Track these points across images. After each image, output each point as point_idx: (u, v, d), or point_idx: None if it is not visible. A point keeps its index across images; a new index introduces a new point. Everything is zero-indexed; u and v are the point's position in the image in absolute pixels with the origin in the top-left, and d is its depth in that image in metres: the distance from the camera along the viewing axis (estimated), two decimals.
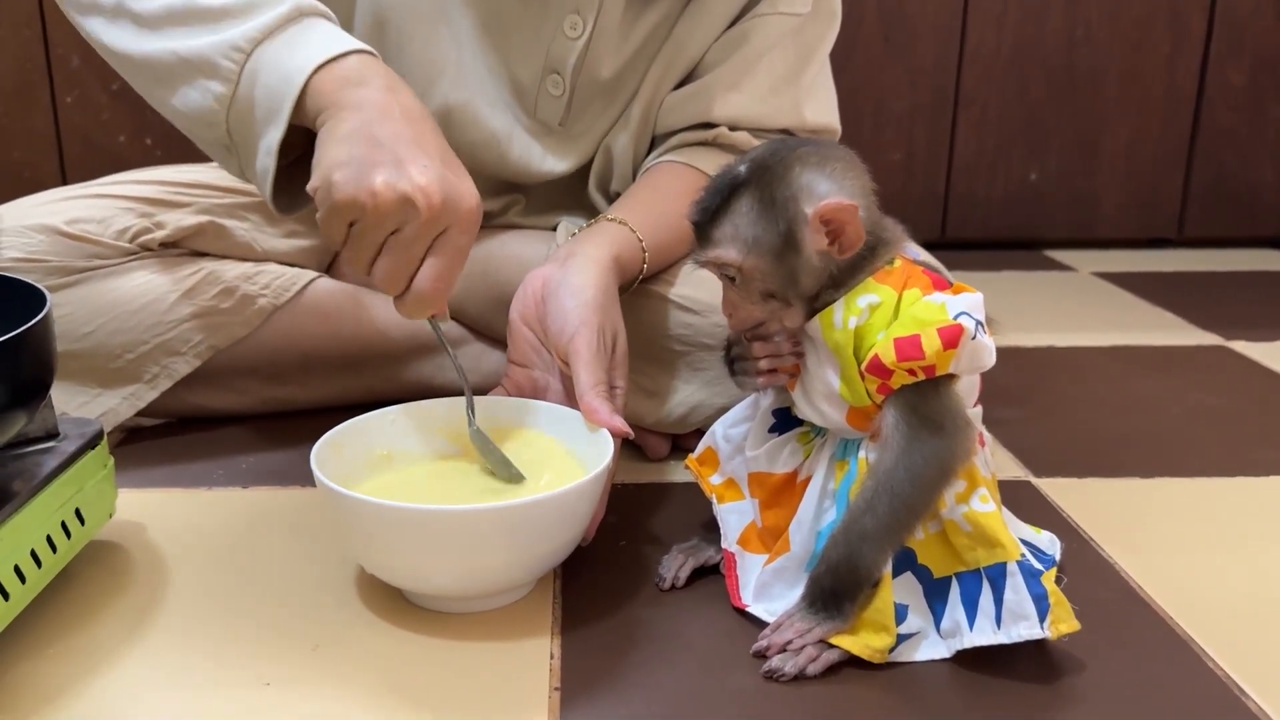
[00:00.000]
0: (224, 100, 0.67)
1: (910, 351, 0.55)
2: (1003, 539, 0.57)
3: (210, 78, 0.67)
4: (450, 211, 0.61)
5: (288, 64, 0.64)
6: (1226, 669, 0.60)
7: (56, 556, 0.63)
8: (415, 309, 0.63)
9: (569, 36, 0.82)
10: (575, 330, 0.68)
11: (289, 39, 0.65)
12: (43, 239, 0.83)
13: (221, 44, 0.66)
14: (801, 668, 0.58)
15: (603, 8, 0.81)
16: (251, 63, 0.65)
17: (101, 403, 0.86)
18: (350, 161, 0.60)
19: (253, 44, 0.65)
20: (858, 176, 0.58)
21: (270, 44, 0.65)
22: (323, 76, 0.63)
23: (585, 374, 0.67)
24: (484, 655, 0.60)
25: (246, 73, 0.66)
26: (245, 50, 0.65)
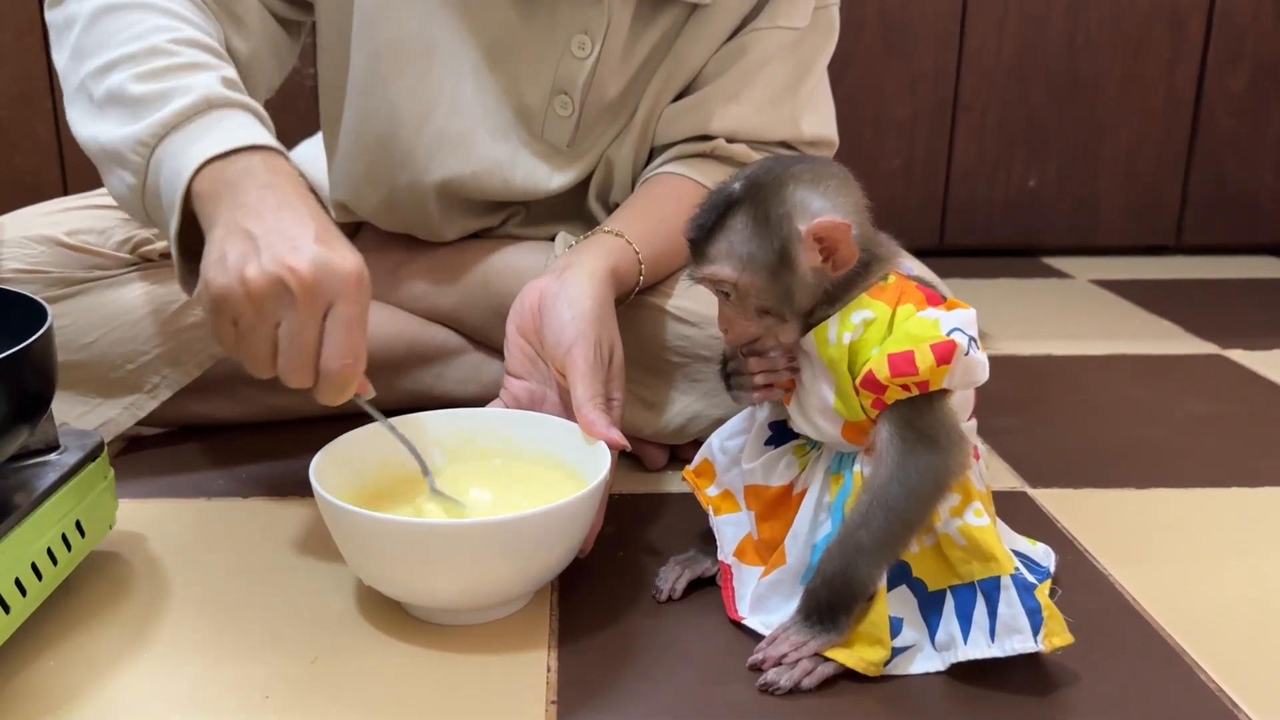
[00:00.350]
0: (136, 191, 0.69)
1: (904, 367, 0.56)
2: (997, 553, 0.58)
3: (124, 168, 0.69)
4: (328, 283, 0.59)
5: (180, 160, 0.65)
6: (1219, 682, 0.60)
7: (57, 569, 0.63)
8: (333, 393, 0.61)
9: (577, 57, 0.83)
10: (572, 343, 0.68)
11: (189, 134, 0.66)
12: (43, 250, 0.84)
13: (130, 137, 0.67)
14: (797, 681, 0.58)
15: (610, 26, 0.82)
16: (155, 155, 0.67)
17: (102, 412, 0.86)
18: (222, 259, 0.60)
19: (155, 139, 0.67)
20: (852, 194, 0.59)
21: (172, 138, 0.66)
22: (205, 175, 0.63)
23: (582, 386, 0.67)
24: (481, 667, 0.60)
25: (151, 165, 0.67)
26: (149, 144, 0.67)
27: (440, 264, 0.95)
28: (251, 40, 0.82)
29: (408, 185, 0.87)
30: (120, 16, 0.72)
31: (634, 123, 0.87)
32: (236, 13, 0.81)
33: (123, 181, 0.69)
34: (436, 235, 0.93)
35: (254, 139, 0.65)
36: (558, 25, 0.83)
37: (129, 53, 0.69)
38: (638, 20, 0.83)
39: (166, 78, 0.68)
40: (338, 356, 0.60)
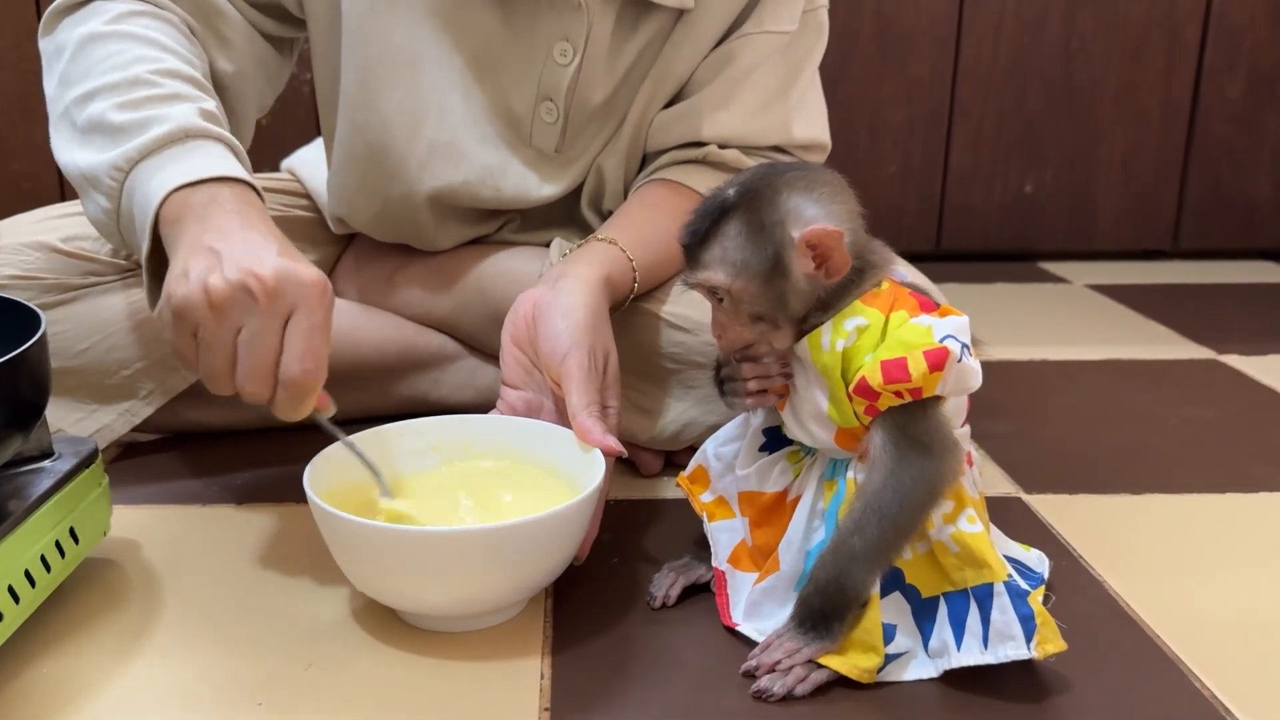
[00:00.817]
0: (111, 215, 0.70)
1: (897, 374, 0.56)
2: (990, 560, 0.58)
3: (99, 192, 0.70)
4: (290, 290, 0.60)
5: (151, 185, 0.66)
6: (1213, 689, 0.60)
7: (50, 575, 0.63)
8: (291, 404, 0.61)
9: (559, 63, 0.83)
10: (567, 351, 0.68)
11: (161, 161, 0.67)
12: (39, 256, 0.84)
13: (106, 163, 0.69)
14: (790, 688, 0.58)
15: (591, 33, 0.82)
16: (129, 181, 0.68)
17: (97, 419, 0.86)
18: (185, 273, 0.61)
19: (130, 164, 0.68)
20: (845, 200, 0.59)
21: (145, 164, 0.68)
22: (173, 201, 0.65)
23: (577, 395, 0.67)
24: (475, 674, 0.60)
25: (125, 190, 0.69)
26: (124, 170, 0.68)
27: (435, 270, 0.95)
28: (237, 60, 0.83)
29: (400, 196, 0.87)
30: (105, 45, 0.74)
31: (624, 130, 0.88)
32: (222, 33, 0.82)
33: (98, 206, 0.71)
34: (431, 244, 0.93)
35: (224, 170, 0.67)
36: (539, 33, 0.83)
37: (111, 82, 0.71)
38: (621, 26, 0.84)
39: (146, 107, 0.70)
40: (298, 360, 0.60)
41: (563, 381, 0.68)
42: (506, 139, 0.87)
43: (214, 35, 0.81)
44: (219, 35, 0.82)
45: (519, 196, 0.88)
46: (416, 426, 0.72)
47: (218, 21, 0.81)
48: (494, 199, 0.88)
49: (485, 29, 0.83)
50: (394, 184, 0.87)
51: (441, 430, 0.72)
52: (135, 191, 0.68)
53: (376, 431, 0.71)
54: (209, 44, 0.81)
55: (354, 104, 0.85)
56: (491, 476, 0.71)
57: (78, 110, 0.72)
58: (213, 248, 0.62)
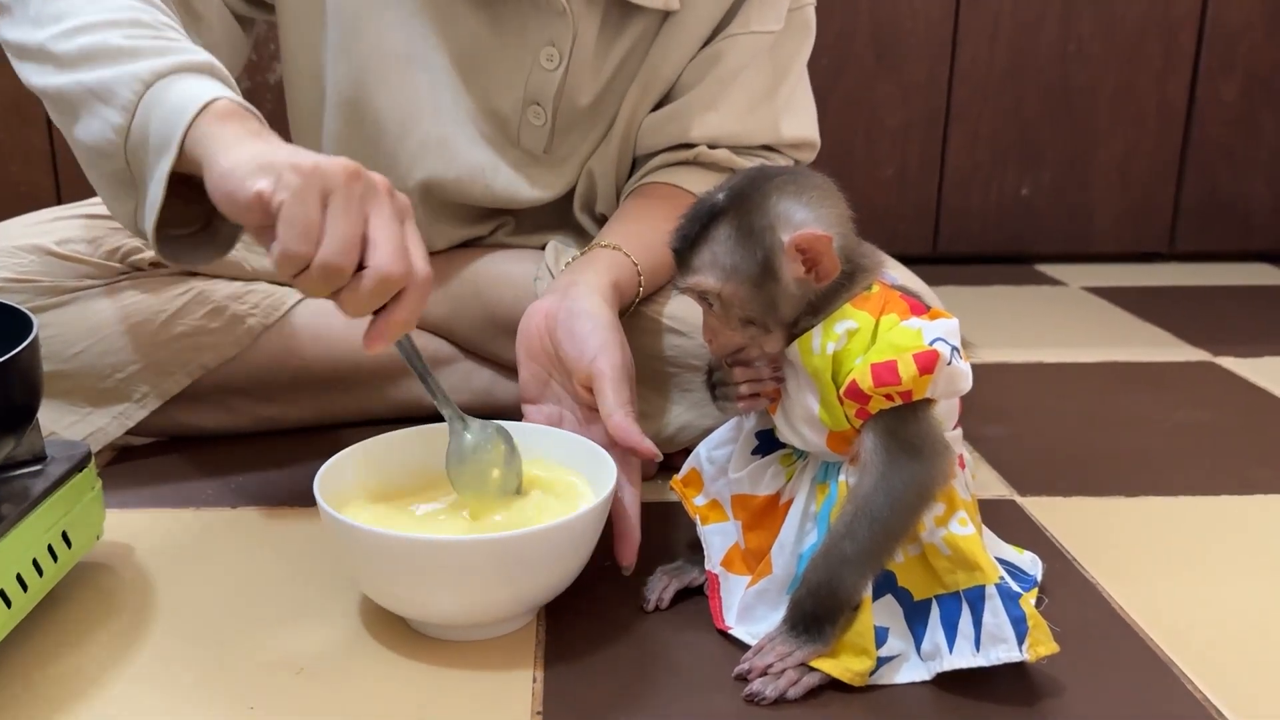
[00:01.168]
0: (121, 131, 0.66)
1: (887, 377, 0.56)
2: (981, 562, 0.58)
3: (110, 106, 0.66)
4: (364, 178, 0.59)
5: (183, 97, 0.64)
6: (1206, 692, 0.60)
7: (43, 580, 0.63)
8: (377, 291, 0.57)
9: (546, 68, 0.83)
10: (596, 352, 0.68)
11: (190, 82, 0.65)
12: (33, 259, 0.84)
13: (125, 75, 0.66)
14: (782, 691, 0.58)
15: (577, 38, 0.82)
16: (150, 94, 0.65)
17: (91, 422, 0.86)
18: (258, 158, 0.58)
19: (156, 76, 0.65)
20: (835, 204, 0.59)
21: (171, 80, 0.65)
22: (216, 109, 0.63)
23: (611, 393, 0.67)
24: (467, 677, 0.60)
25: (144, 104, 0.65)
26: (146, 82, 0.65)
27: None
28: (210, 36, 0.82)
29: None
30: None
31: (613, 133, 0.88)
32: (196, 9, 0.81)
33: (106, 122, 0.66)
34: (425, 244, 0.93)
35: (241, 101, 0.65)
36: (526, 37, 0.83)
37: (111, 19, 0.68)
38: (606, 29, 0.84)
39: (161, 38, 0.68)
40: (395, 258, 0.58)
41: (595, 381, 0.68)
42: (495, 139, 0.87)
43: (188, 12, 0.81)
44: (193, 11, 0.81)
45: (510, 196, 0.88)
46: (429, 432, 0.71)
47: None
48: (485, 196, 0.88)
49: (471, 32, 0.83)
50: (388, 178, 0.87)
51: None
52: (158, 104, 0.64)
53: (384, 439, 0.70)
54: (184, 20, 0.80)
55: (346, 98, 0.85)
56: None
57: (63, 42, 0.68)
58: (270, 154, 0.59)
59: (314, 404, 0.93)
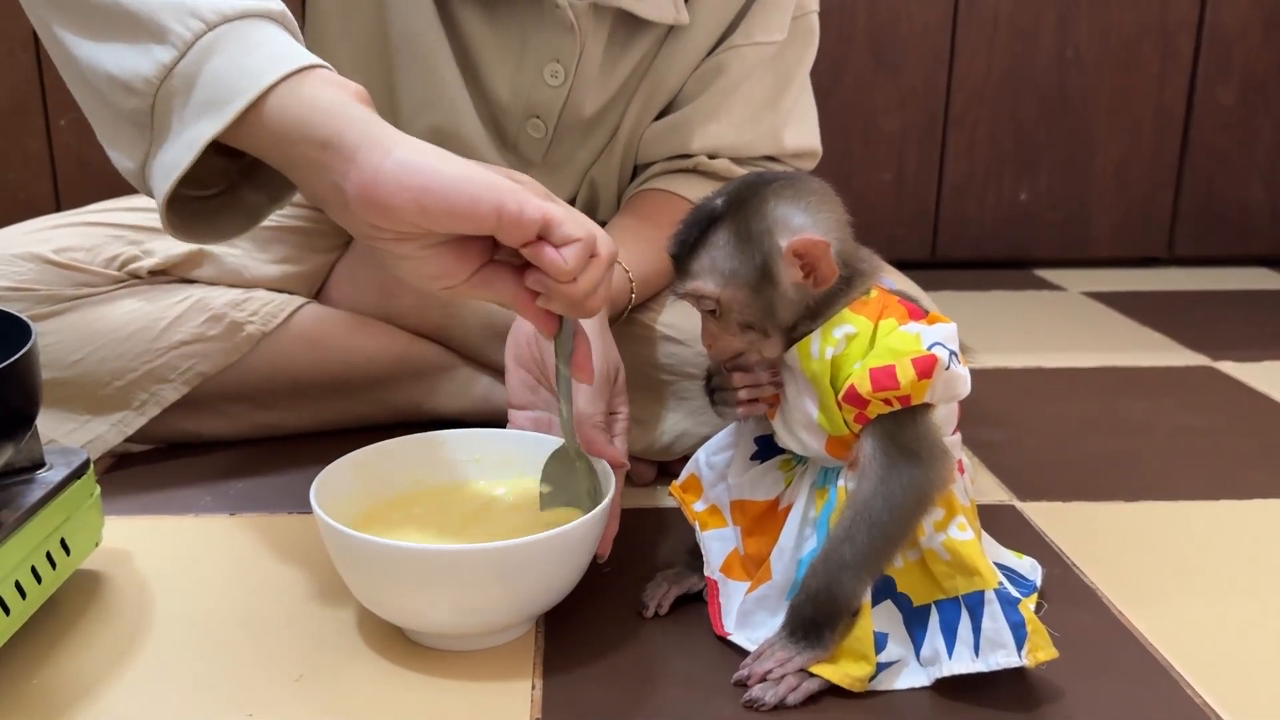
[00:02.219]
0: (163, 69, 0.55)
1: (885, 382, 0.56)
2: (980, 567, 0.58)
3: (156, 40, 0.55)
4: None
5: (256, 54, 0.54)
6: (1206, 697, 0.60)
7: (41, 587, 0.63)
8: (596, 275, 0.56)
9: (550, 85, 0.83)
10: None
11: (266, 33, 0.56)
12: (31, 268, 0.84)
13: (182, 7, 0.55)
14: (782, 697, 0.58)
15: (584, 55, 0.82)
16: (211, 37, 0.55)
17: (90, 429, 0.86)
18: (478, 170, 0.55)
19: (221, 18, 0.55)
20: (833, 209, 0.59)
21: (239, 25, 0.55)
22: (320, 78, 0.54)
23: (585, 405, 0.67)
24: (465, 685, 0.60)
25: (200, 46, 0.55)
26: (209, 23, 0.55)
27: None
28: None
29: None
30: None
31: (616, 143, 0.88)
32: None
33: (146, 55, 0.55)
34: None
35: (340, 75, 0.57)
36: (528, 49, 0.83)
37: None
38: (614, 44, 0.84)
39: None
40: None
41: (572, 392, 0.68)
42: (494, 144, 0.87)
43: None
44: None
45: None
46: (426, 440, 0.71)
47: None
48: None
49: (472, 34, 0.83)
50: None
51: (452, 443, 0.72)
52: (219, 52, 0.54)
53: (383, 446, 0.70)
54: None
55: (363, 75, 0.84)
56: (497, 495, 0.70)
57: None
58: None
59: (312, 411, 0.93)
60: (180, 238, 0.62)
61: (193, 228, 0.62)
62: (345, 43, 0.85)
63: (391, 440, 0.71)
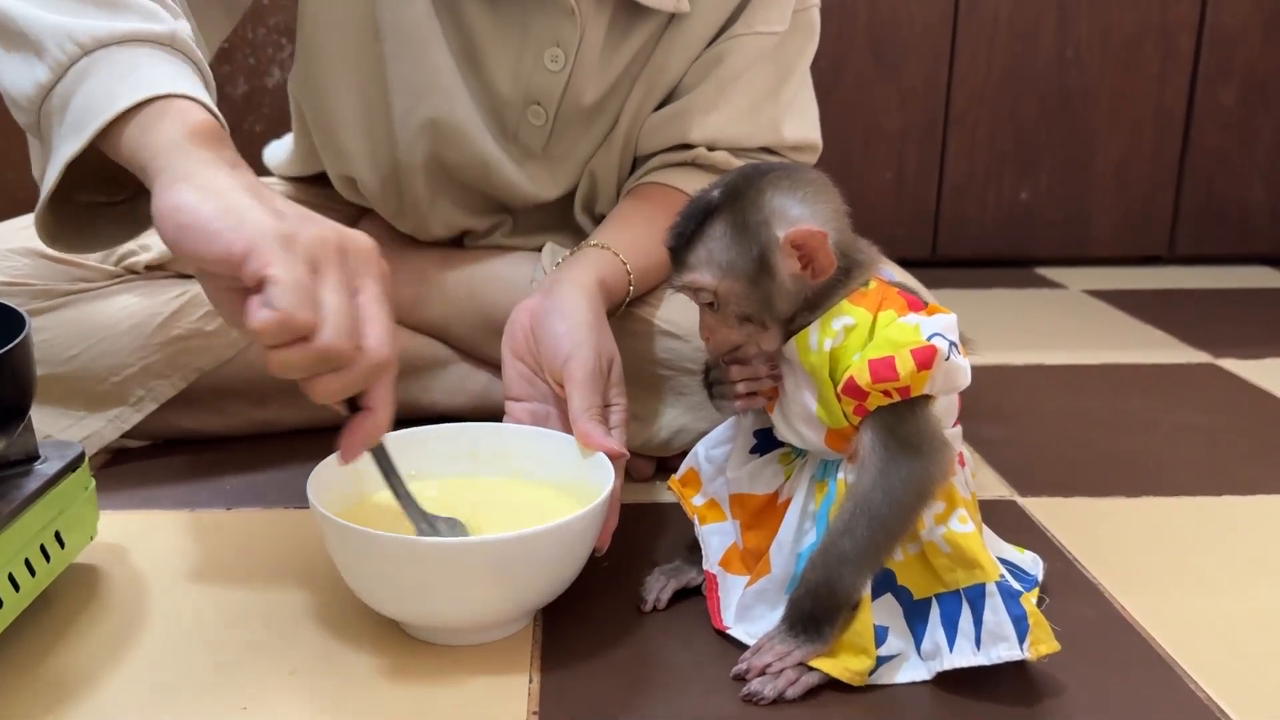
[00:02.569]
0: (42, 90, 0.58)
1: (885, 373, 0.55)
2: (981, 560, 0.57)
3: (39, 58, 0.58)
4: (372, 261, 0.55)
5: (122, 81, 0.56)
6: (1209, 691, 0.59)
7: (35, 580, 0.62)
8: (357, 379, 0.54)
9: (550, 70, 0.83)
10: (569, 354, 0.68)
11: (140, 57, 0.57)
12: (27, 262, 0.84)
13: (61, 30, 0.57)
14: (781, 691, 0.57)
15: (584, 40, 0.82)
16: (86, 62, 0.57)
17: (86, 425, 0.86)
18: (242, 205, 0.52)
19: (97, 44, 0.57)
20: (830, 199, 0.59)
21: (114, 51, 0.57)
22: (171, 106, 0.56)
23: (578, 397, 0.67)
24: (462, 679, 0.60)
25: (75, 70, 0.57)
26: (84, 47, 0.57)
27: (426, 275, 0.94)
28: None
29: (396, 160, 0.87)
30: None
31: (616, 133, 0.87)
32: None
33: (29, 74, 0.59)
34: (424, 226, 0.92)
35: (211, 103, 0.58)
36: (529, 37, 0.83)
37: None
38: (614, 31, 0.83)
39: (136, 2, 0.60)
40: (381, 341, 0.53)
41: (565, 384, 0.68)
42: (496, 135, 0.87)
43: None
44: None
45: (509, 191, 0.88)
46: (424, 434, 0.71)
47: None
48: (484, 184, 0.88)
49: (473, 24, 0.83)
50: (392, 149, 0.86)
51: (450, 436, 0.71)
52: (91, 77, 0.57)
53: (412, 432, 0.70)
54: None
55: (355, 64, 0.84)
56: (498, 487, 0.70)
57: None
58: (252, 185, 0.54)
59: (309, 407, 0.91)
60: (56, 248, 0.65)
61: (63, 237, 0.65)
62: (334, 34, 0.84)
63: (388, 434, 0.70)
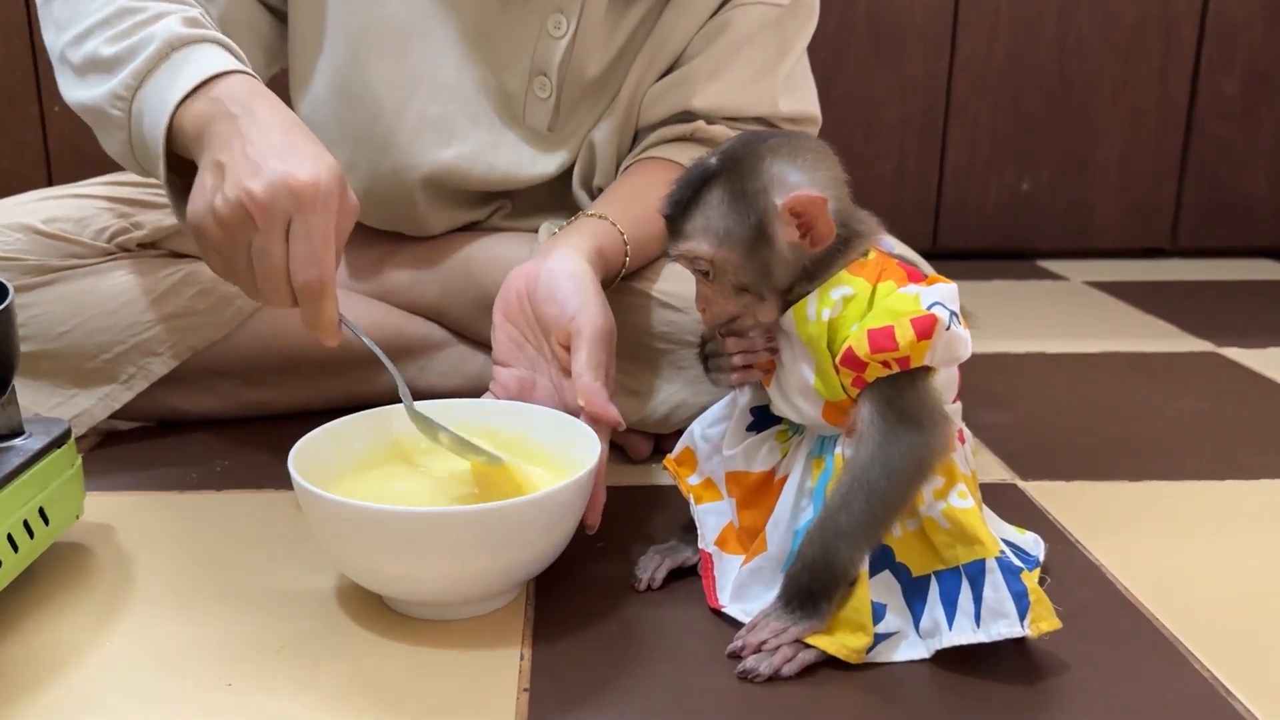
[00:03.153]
0: (126, 145, 0.70)
1: (884, 343, 0.54)
2: (981, 536, 0.56)
3: (111, 125, 0.70)
4: (282, 200, 0.60)
5: (157, 108, 0.67)
6: (1213, 670, 0.58)
7: (19, 556, 0.61)
8: (308, 309, 0.62)
9: (553, 36, 0.82)
10: (578, 309, 0.67)
11: (158, 81, 0.67)
12: (20, 238, 0.83)
13: (108, 94, 0.69)
14: (777, 668, 0.56)
15: (586, 3, 0.81)
16: (134, 108, 0.68)
17: (77, 403, 0.85)
18: (200, 192, 0.63)
19: (130, 91, 0.68)
20: (830, 168, 0.57)
21: (145, 88, 0.68)
22: (184, 115, 0.65)
23: (586, 352, 0.66)
24: (452, 655, 0.59)
25: (133, 118, 0.69)
26: (126, 98, 0.69)
27: (423, 257, 0.93)
28: (218, 6, 0.81)
29: (391, 172, 0.86)
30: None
31: (616, 104, 0.87)
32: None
33: (114, 139, 0.71)
34: (422, 228, 0.92)
35: (217, 68, 0.66)
36: (533, 5, 0.82)
37: (100, 18, 0.71)
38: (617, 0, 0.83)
39: (134, 34, 0.69)
40: (300, 268, 0.61)
41: (573, 340, 0.66)
42: (500, 116, 0.86)
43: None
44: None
45: (511, 174, 0.87)
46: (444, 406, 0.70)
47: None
48: (486, 175, 0.87)
49: (477, 3, 0.82)
50: (384, 159, 0.85)
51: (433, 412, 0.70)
52: (143, 117, 0.68)
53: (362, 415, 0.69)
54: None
55: (344, 76, 0.84)
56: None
57: (73, 51, 0.72)
58: (219, 161, 0.62)
59: (301, 388, 0.92)
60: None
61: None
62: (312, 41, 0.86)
63: (371, 410, 0.69)
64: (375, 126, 0.84)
